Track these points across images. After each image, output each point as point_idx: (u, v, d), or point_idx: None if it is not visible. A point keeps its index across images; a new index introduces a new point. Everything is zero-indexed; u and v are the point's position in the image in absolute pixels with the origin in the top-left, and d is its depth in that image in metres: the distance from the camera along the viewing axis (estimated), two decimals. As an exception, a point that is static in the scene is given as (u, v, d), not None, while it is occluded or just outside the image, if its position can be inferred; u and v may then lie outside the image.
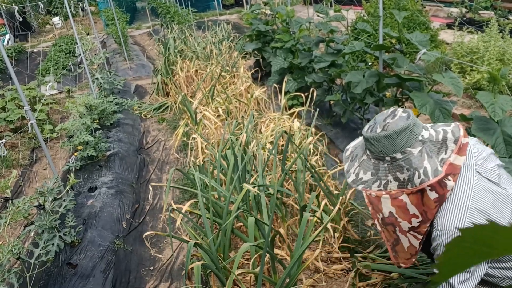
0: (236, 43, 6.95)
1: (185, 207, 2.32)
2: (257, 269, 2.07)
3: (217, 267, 2.13)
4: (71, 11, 4.94)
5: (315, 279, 2.27)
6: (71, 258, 2.54)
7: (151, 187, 3.47)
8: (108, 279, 2.45)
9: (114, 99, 5.02)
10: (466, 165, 1.57)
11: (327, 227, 2.25)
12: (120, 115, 4.79)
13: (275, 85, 4.61)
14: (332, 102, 4.37)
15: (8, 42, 11.22)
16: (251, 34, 5.98)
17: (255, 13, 6.27)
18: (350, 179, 1.68)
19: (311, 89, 3.69)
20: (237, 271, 1.95)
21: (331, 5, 7.25)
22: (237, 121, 3.50)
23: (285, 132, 2.88)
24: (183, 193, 3.44)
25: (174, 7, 9.93)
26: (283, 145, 3.27)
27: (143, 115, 5.39)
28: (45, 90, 5.56)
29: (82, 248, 2.62)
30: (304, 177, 2.70)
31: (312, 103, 3.74)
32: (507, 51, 4.36)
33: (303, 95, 4.10)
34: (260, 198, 2.44)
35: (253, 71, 5.91)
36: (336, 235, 2.50)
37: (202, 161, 3.17)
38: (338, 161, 3.43)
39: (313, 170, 2.67)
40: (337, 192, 2.77)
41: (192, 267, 2.01)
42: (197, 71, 5.48)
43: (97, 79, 5.19)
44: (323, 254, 2.46)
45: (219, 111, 4.14)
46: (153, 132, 4.95)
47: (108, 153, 3.95)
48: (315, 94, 3.63)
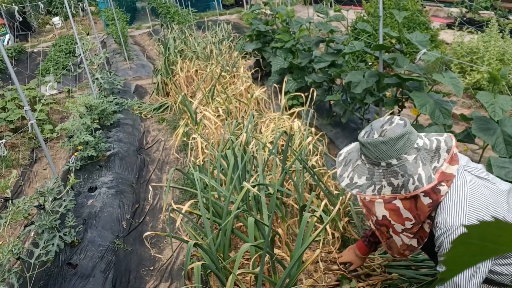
0: (236, 43, 6.95)
1: (185, 207, 2.32)
2: (257, 269, 2.07)
3: (217, 267, 2.13)
4: (71, 11, 4.94)
5: (315, 279, 2.27)
6: (71, 258, 2.54)
7: (151, 187, 3.47)
8: (108, 279, 2.45)
9: (114, 99, 5.02)
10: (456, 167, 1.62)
11: (326, 227, 2.25)
12: (120, 115, 4.79)
13: (275, 85, 4.61)
14: (332, 102, 4.37)
15: (8, 42, 11.22)
16: (251, 34, 5.98)
17: (255, 13, 6.27)
18: (344, 183, 1.72)
19: (311, 89, 3.69)
20: (237, 271, 1.95)
21: (331, 5, 7.25)
22: (237, 121, 3.50)
23: (285, 132, 2.88)
24: (183, 193, 3.44)
25: (174, 7, 9.93)
26: (283, 145, 3.26)
27: (143, 115, 5.38)
28: (45, 90, 5.56)
29: (82, 248, 2.62)
30: (303, 177, 2.70)
31: (312, 103, 3.74)
32: (507, 51, 4.36)
33: (303, 95, 4.10)
34: (260, 198, 2.44)
35: (253, 71, 5.91)
36: (336, 235, 2.50)
37: (202, 161, 3.16)
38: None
39: (312, 172, 2.67)
40: (337, 192, 2.77)
41: (192, 267, 2.01)
42: (197, 71, 5.48)
43: (97, 79, 5.19)
44: (323, 254, 2.46)
45: (219, 111, 4.14)
46: (153, 132, 4.95)
47: (108, 153, 3.95)
48: (315, 94, 3.63)
